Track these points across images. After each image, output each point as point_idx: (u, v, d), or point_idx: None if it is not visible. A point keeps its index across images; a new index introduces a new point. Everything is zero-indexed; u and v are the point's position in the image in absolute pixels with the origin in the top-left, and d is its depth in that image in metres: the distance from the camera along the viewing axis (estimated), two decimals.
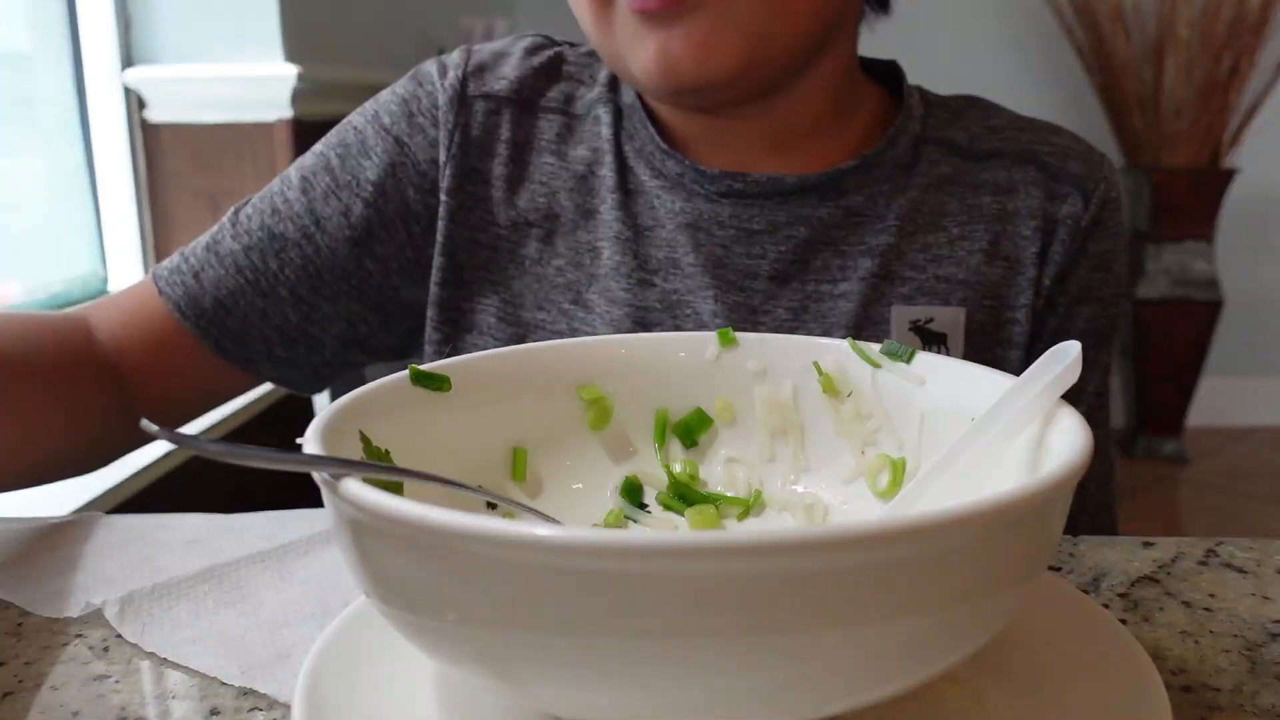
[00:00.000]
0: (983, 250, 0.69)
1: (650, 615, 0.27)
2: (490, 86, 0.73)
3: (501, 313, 0.71)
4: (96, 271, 1.86)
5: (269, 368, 0.73)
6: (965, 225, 0.69)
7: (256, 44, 1.88)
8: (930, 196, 0.70)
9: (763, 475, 0.49)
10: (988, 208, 0.70)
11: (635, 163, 0.71)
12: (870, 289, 0.68)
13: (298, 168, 0.73)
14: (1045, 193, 0.70)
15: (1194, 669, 0.41)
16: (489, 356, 0.48)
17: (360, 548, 0.32)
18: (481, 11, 2.79)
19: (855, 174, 0.69)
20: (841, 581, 0.27)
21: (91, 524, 0.57)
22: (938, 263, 0.69)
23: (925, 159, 0.71)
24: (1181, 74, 2.95)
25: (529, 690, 0.31)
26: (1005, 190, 0.70)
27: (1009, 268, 0.69)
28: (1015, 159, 0.71)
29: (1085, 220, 0.70)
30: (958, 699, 0.36)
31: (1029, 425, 0.39)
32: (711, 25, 0.60)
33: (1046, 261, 0.69)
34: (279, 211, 0.71)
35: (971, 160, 0.71)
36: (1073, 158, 0.71)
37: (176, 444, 0.31)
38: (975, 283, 0.69)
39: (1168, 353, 3.05)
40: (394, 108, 0.73)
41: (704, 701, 0.29)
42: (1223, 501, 2.85)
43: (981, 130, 0.72)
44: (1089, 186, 0.70)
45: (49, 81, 1.78)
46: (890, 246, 0.68)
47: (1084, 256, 0.70)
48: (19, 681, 0.42)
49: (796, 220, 0.69)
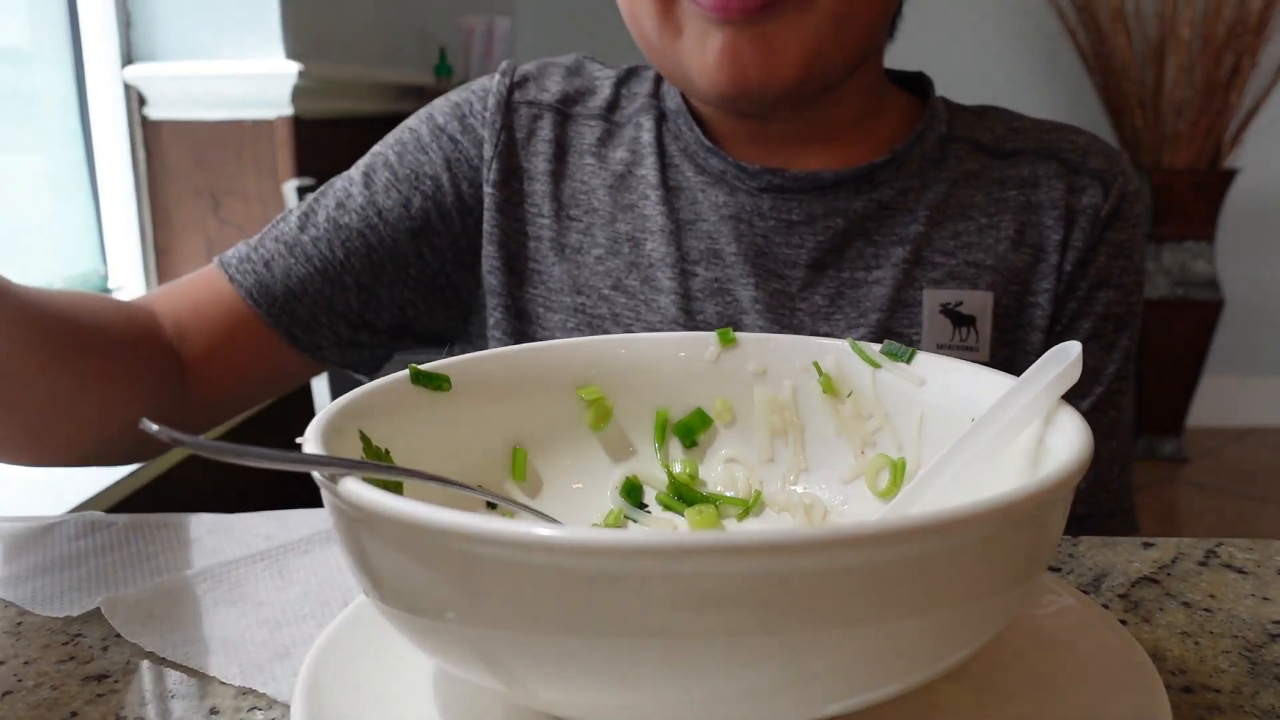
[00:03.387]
0: (1009, 238, 0.73)
1: (650, 615, 0.27)
2: (533, 95, 0.79)
3: (546, 301, 0.76)
4: (96, 268, 1.86)
5: (335, 353, 0.76)
6: (992, 215, 0.73)
7: (257, 41, 1.88)
8: (958, 190, 0.74)
9: (762, 475, 0.49)
10: (1013, 200, 0.74)
11: (680, 161, 0.76)
12: (902, 274, 0.72)
13: (358, 166, 0.78)
14: (1067, 185, 0.74)
15: (1194, 670, 0.41)
16: (489, 356, 0.48)
17: (360, 547, 0.32)
18: (481, 11, 2.79)
19: (887, 169, 0.73)
20: (841, 581, 0.27)
21: (91, 523, 0.57)
22: (967, 249, 0.72)
23: (952, 155, 0.75)
24: (1182, 74, 2.95)
25: (528, 690, 0.31)
26: (1029, 184, 0.74)
27: (1033, 255, 0.73)
28: (1038, 155, 0.75)
29: (1105, 210, 0.73)
30: (957, 699, 0.36)
31: (1029, 425, 0.39)
32: (781, 33, 0.64)
33: (1068, 249, 0.73)
34: (343, 205, 0.75)
35: (997, 157, 0.75)
36: (1093, 154, 0.75)
37: (176, 443, 0.31)
38: (1002, 268, 0.72)
39: (1168, 353, 3.05)
40: (447, 110, 0.79)
41: (704, 701, 0.29)
42: (1223, 502, 2.85)
43: (1005, 131, 0.77)
44: (1109, 179, 0.74)
45: (49, 79, 1.78)
46: (921, 235, 0.72)
47: (1103, 244, 0.73)
48: (18, 680, 0.42)
49: (833, 212, 0.72)
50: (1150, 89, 2.99)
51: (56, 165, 1.80)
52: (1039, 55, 3.27)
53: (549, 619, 0.28)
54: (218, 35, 1.87)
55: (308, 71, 1.87)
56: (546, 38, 3.27)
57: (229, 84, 1.88)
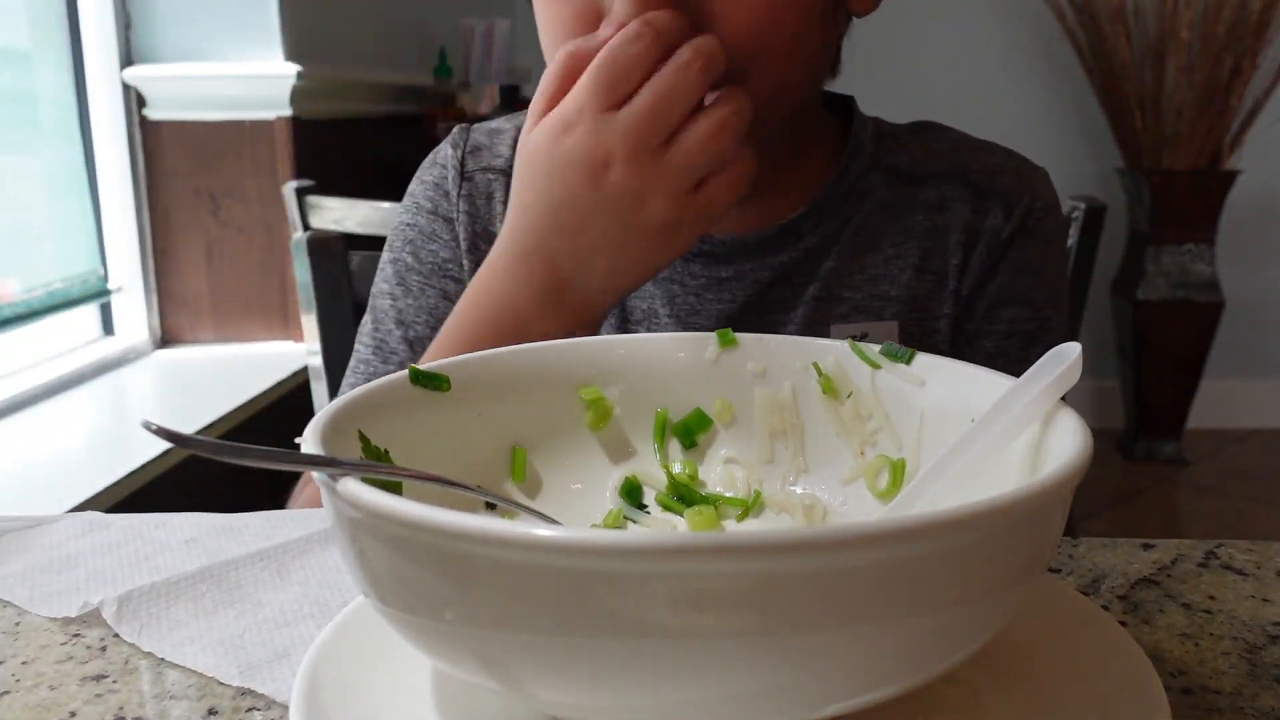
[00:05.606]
0: (913, 266, 0.74)
1: (649, 615, 0.27)
2: (486, 162, 0.81)
3: None
4: (96, 269, 1.86)
5: None
6: (900, 245, 0.74)
7: (256, 42, 1.88)
8: (871, 221, 0.75)
9: (762, 476, 0.49)
10: (919, 225, 0.75)
11: None
12: (812, 311, 0.74)
13: (388, 279, 0.80)
14: (972, 207, 0.75)
15: (1194, 671, 0.41)
16: (488, 356, 0.48)
17: (358, 548, 0.32)
18: (481, 12, 2.79)
19: (809, 217, 0.74)
20: (841, 581, 0.27)
21: (89, 523, 0.57)
22: (874, 282, 0.74)
23: (871, 186, 0.76)
24: (1182, 76, 2.95)
25: (527, 690, 0.31)
26: (937, 208, 0.75)
27: (936, 281, 0.74)
28: (947, 178, 0.76)
29: (1007, 230, 0.74)
30: (957, 699, 0.36)
31: (1029, 426, 0.39)
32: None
33: (966, 273, 0.74)
34: (404, 321, 0.78)
35: (910, 184, 0.76)
36: (1001, 174, 0.76)
37: (175, 443, 0.31)
38: (906, 297, 0.74)
39: (1168, 355, 3.06)
40: (428, 191, 0.81)
41: (703, 701, 0.29)
42: (1222, 504, 2.85)
43: (923, 154, 0.77)
44: (1014, 198, 0.75)
45: (49, 79, 1.78)
46: (832, 270, 0.74)
47: (1004, 263, 0.74)
48: (16, 681, 0.42)
49: (761, 266, 0.74)
50: (1150, 90, 2.99)
51: (56, 166, 1.80)
52: (1039, 56, 3.27)
53: (548, 619, 0.28)
54: (217, 36, 1.87)
55: (307, 72, 1.87)
56: None
57: (228, 85, 1.88)
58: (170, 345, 1.96)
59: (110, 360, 1.82)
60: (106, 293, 1.87)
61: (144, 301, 1.93)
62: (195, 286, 1.95)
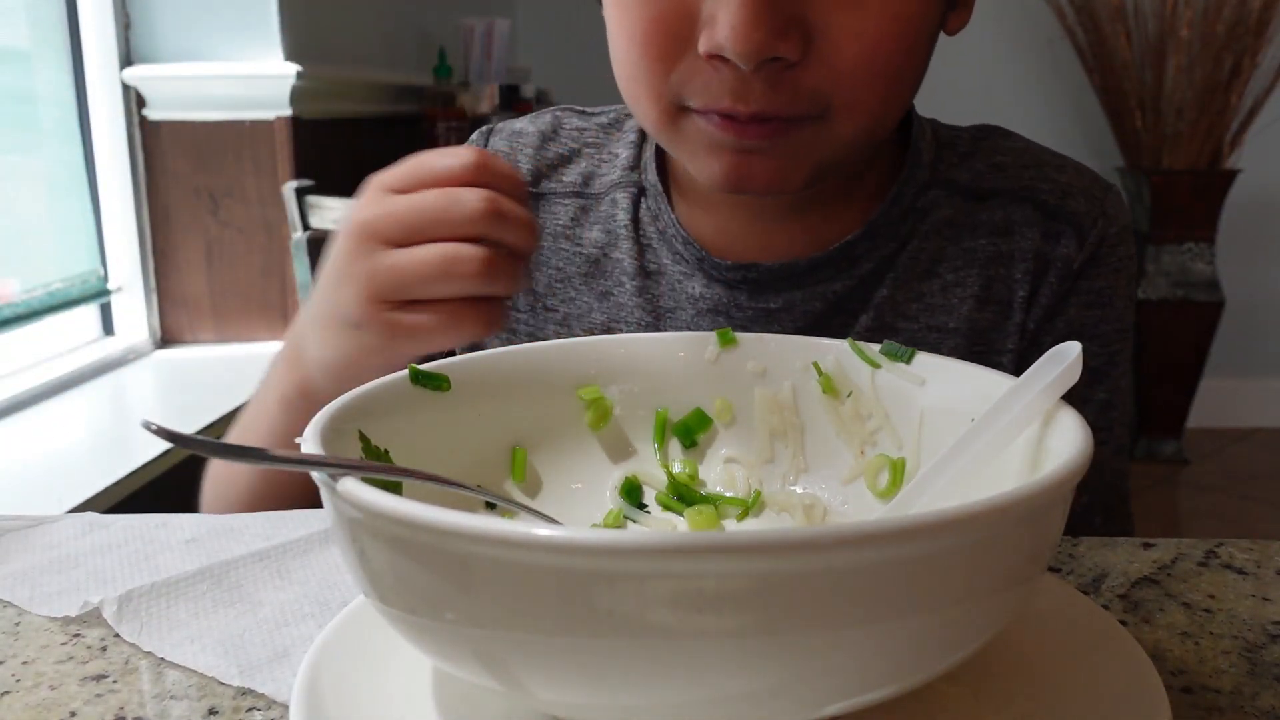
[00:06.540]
0: (974, 296, 0.68)
1: (649, 615, 0.27)
2: None
3: None
4: (95, 269, 1.86)
5: None
6: (959, 270, 0.69)
7: (256, 42, 1.88)
8: (928, 244, 0.69)
9: (762, 476, 0.49)
10: (983, 250, 0.69)
11: (658, 244, 0.72)
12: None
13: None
14: (1042, 232, 0.69)
15: (1194, 670, 0.41)
16: (489, 356, 0.48)
17: (359, 547, 0.32)
18: (481, 12, 2.79)
19: (863, 240, 0.68)
20: (841, 581, 0.27)
21: (89, 523, 0.57)
22: (930, 312, 0.68)
23: (930, 205, 0.70)
24: (1182, 75, 2.95)
25: (527, 690, 0.31)
26: (1002, 231, 0.69)
27: (999, 313, 0.69)
28: (1014, 197, 0.70)
29: (1080, 260, 0.68)
30: (957, 699, 0.36)
31: (1029, 426, 0.39)
32: (796, 150, 0.59)
33: (1033, 305, 0.68)
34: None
35: (973, 200, 0.70)
36: (1073, 195, 0.70)
37: (175, 443, 0.31)
38: (965, 329, 0.68)
39: (1168, 354, 3.05)
40: None
41: (704, 701, 0.29)
42: (1223, 503, 2.85)
43: (987, 167, 0.71)
44: (1086, 224, 0.69)
45: (49, 79, 1.78)
46: (885, 299, 0.68)
47: (1075, 295, 0.69)
48: (17, 681, 0.42)
49: (812, 297, 0.69)
50: (1150, 89, 2.99)
51: (55, 166, 1.80)
52: (1038, 56, 3.27)
53: (548, 619, 0.28)
54: (217, 36, 1.87)
55: (306, 72, 1.87)
56: (546, 39, 3.27)
57: (228, 85, 1.88)
58: (170, 345, 1.96)
59: (110, 360, 1.82)
60: (106, 293, 1.87)
61: (144, 301, 1.92)
62: (195, 286, 1.95)
